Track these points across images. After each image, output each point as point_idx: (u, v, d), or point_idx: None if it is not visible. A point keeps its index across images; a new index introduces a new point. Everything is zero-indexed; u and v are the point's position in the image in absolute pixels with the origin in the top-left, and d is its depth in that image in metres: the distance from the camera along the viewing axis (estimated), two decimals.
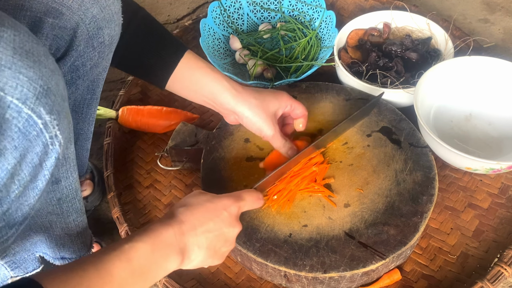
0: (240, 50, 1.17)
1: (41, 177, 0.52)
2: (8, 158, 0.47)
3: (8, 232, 0.54)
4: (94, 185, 0.99)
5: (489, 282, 0.76)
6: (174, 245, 0.59)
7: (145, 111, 1.05)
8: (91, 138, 0.86)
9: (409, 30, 1.11)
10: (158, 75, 0.76)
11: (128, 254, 0.54)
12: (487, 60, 0.97)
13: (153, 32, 0.75)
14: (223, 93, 0.76)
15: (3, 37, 0.44)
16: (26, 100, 0.45)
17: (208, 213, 0.64)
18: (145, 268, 0.55)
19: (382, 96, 0.96)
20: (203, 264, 0.65)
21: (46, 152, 0.50)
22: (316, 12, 1.20)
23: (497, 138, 0.95)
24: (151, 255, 0.56)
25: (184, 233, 0.60)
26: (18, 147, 0.47)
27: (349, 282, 0.76)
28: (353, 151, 0.88)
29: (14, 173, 0.48)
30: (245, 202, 0.69)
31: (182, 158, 0.97)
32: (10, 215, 0.52)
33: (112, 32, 0.67)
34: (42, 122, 0.47)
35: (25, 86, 0.45)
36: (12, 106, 0.44)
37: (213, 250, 0.64)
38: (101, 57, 0.69)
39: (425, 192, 0.81)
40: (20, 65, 0.44)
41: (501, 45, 1.26)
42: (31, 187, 0.52)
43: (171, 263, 0.59)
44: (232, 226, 0.66)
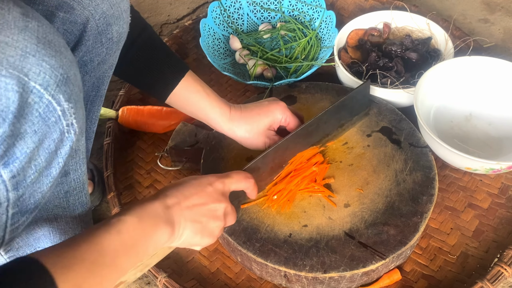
0: (240, 50, 1.17)
1: (55, 164, 0.53)
2: (28, 142, 0.48)
3: (19, 219, 0.55)
4: (94, 185, 0.99)
5: (489, 282, 0.76)
6: (161, 216, 0.60)
7: (145, 111, 1.05)
8: (93, 138, 0.86)
9: (409, 30, 1.11)
10: (158, 91, 0.79)
11: (117, 226, 0.55)
12: (487, 60, 0.97)
13: (158, 49, 0.78)
14: (216, 119, 0.80)
15: (28, 27, 0.46)
16: (47, 86, 0.47)
17: (193, 188, 0.64)
18: (135, 239, 0.56)
19: (382, 96, 0.96)
20: (193, 241, 0.65)
21: (62, 139, 0.52)
22: (316, 12, 1.20)
23: (497, 138, 0.95)
24: (139, 226, 0.57)
25: (169, 205, 0.61)
26: (37, 131, 0.49)
27: (349, 282, 0.76)
28: (353, 151, 0.88)
29: (32, 157, 0.50)
30: (231, 179, 0.69)
31: (182, 158, 0.97)
32: (23, 201, 0.53)
33: (121, 29, 0.69)
34: (60, 109, 0.49)
35: (47, 73, 0.47)
36: (34, 91, 0.47)
37: (200, 224, 0.64)
38: (108, 54, 0.70)
39: (425, 192, 0.81)
40: (44, 53, 0.47)
41: (501, 45, 1.26)
42: (45, 174, 0.53)
43: (161, 234, 0.59)
44: (218, 200, 0.66)
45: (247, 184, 0.72)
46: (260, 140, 0.82)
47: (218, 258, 0.86)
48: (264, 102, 0.84)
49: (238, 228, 0.79)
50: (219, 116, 0.80)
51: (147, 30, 0.78)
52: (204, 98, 0.79)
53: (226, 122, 0.81)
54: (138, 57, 0.77)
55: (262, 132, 0.82)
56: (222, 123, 0.81)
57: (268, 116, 0.81)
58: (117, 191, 0.94)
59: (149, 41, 0.78)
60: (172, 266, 0.85)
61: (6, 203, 0.51)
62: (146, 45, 0.77)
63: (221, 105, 0.80)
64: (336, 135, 0.89)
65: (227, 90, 1.15)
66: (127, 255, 0.55)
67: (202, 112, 0.80)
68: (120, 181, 0.99)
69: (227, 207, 0.67)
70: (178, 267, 0.85)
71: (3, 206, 0.51)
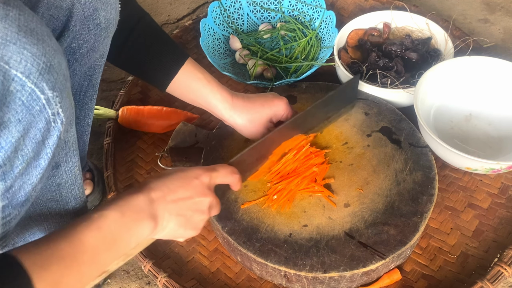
0: (240, 50, 1.17)
1: (43, 155, 0.53)
2: (12, 131, 0.48)
3: (11, 213, 0.54)
4: (94, 185, 0.99)
5: (489, 282, 0.76)
6: (144, 210, 0.59)
7: (145, 111, 1.05)
8: (89, 131, 0.85)
9: (409, 30, 1.11)
10: (159, 80, 0.78)
11: (97, 222, 0.54)
12: (487, 60, 0.97)
13: (157, 37, 0.77)
14: (217, 106, 0.80)
15: (9, 15, 0.45)
16: (29, 74, 0.46)
17: (178, 181, 0.64)
18: (116, 235, 0.55)
19: (382, 96, 0.96)
20: (176, 233, 0.64)
21: (48, 129, 0.51)
22: (316, 12, 1.20)
23: (497, 138, 0.95)
24: (121, 221, 0.56)
25: (153, 199, 0.60)
26: (21, 120, 0.48)
27: (349, 282, 0.76)
28: (353, 151, 0.88)
29: (17, 147, 0.49)
30: (218, 173, 0.68)
31: (182, 158, 0.97)
32: (13, 193, 0.53)
33: (108, 15, 0.68)
34: (45, 97, 0.49)
35: (29, 61, 0.46)
36: (16, 79, 0.46)
37: (184, 217, 0.63)
38: (97, 41, 0.70)
39: (425, 192, 0.81)
40: (25, 41, 0.46)
41: (501, 45, 1.26)
42: (34, 165, 0.53)
43: (144, 228, 0.59)
44: (203, 194, 0.65)
45: (233, 178, 0.71)
46: (260, 130, 0.82)
47: (218, 258, 0.86)
48: (268, 95, 0.84)
49: (238, 228, 0.79)
50: (220, 102, 0.79)
51: (145, 18, 0.77)
52: (205, 85, 0.79)
53: (228, 109, 0.80)
54: (137, 46, 0.76)
55: (263, 123, 0.82)
56: (223, 109, 0.80)
57: (272, 109, 0.82)
58: (117, 191, 0.94)
59: (148, 29, 0.77)
60: (172, 266, 0.85)
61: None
62: (145, 33, 0.76)
63: (222, 92, 0.80)
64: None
65: None
66: (108, 251, 0.55)
67: (203, 99, 0.80)
68: (120, 181, 0.98)
69: (212, 200, 0.66)
70: (178, 267, 0.85)
71: None
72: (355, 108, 0.95)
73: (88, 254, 0.52)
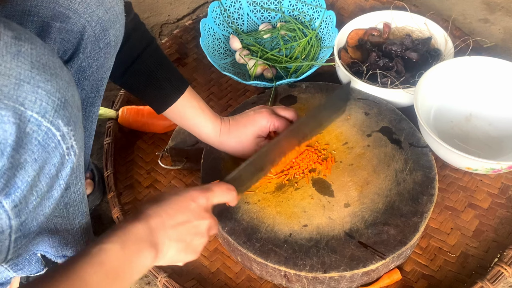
0: (240, 50, 1.17)
1: (56, 187, 0.52)
2: (28, 170, 0.47)
3: (22, 241, 0.54)
4: (95, 185, 0.99)
5: (489, 282, 0.76)
6: (144, 240, 0.58)
7: (145, 111, 1.05)
8: (93, 136, 0.86)
9: (409, 30, 1.11)
10: (157, 104, 0.80)
11: (99, 257, 0.52)
12: (487, 60, 0.97)
13: (161, 64, 0.79)
14: (207, 134, 0.83)
15: (21, 51, 0.44)
16: (45, 113, 0.46)
17: (176, 205, 0.62)
18: (119, 268, 0.54)
19: (382, 96, 0.96)
20: (177, 259, 0.63)
21: (62, 162, 0.51)
22: (316, 12, 1.20)
23: (497, 138, 0.95)
24: (122, 253, 0.55)
25: (152, 227, 0.59)
26: (37, 159, 0.48)
27: (349, 282, 0.76)
28: (353, 151, 0.88)
29: (33, 185, 0.49)
30: (214, 193, 0.67)
31: (182, 158, 0.97)
32: (26, 225, 0.52)
33: (117, 32, 0.69)
34: (60, 134, 0.48)
35: (44, 100, 0.46)
36: (32, 120, 0.45)
37: (184, 242, 0.63)
38: (107, 58, 0.71)
39: (425, 192, 0.81)
40: (38, 79, 0.45)
41: (501, 45, 1.26)
42: (47, 197, 0.52)
43: (145, 258, 0.57)
44: (201, 217, 0.64)
45: (229, 196, 0.71)
46: (250, 149, 0.84)
47: (218, 258, 0.86)
48: (249, 112, 0.85)
49: (238, 228, 0.79)
50: (211, 131, 0.82)
51: (152, 45, 0.78)
52: (198, 114, 0.81)
53: (217, 137, 0.83)
54: (141, 70, 0.77)
55: (250, 142, 0.83)
56: (213, 137, 0.83)
57: (255, 125, 0.83)
58: (117, 191, 0.94)
59: (154, 55, 0.78)
60: (172, 266, 0.85)
61: (9, 230, 0.50)
62: (150, 58, 0.78)
63: (213, 121, 0.82)
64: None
65: (227, 90, 1.15)
66: (111, 285, 0.53)
67: (195, 127, 0.82)
68: (120, 181, 0.98)
69: (210, 222, 0.66)
70: (178, 267, 0.85)
71: (5, 233, 0.50)
72: (355, 108, 0.95)
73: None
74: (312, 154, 0.87)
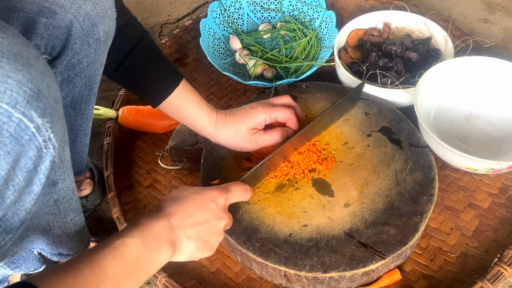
0: (240, 50, 1.17)
1: (36, 181, 0.51)
2: (1, 164, 0.46)
3: (5, 238, 0.54)
4: (94, 184, 0.99)
5: (489, 282, 0.76)
6: (164, 237, 0.60)
7: (145, 111, 1.05)
8: (89, 134, 0.86)
9: (409, 30, 1.11)
10: (153, 98, 0.80)
11: (120, 250, 0.54)
12: (487, 60, 0.97)
13: (155, 58, 0.79)
14: (203, 126, 0.83)
15: None
16: (16, 104, 0.44)
17: (196, 204, 0.65)
18: (138, 262, 0.56)
19: (382, 96, 0.96)
20: (193, 256, 0.66)
21: (40, 156, 0.49)
22: (316, 12, 1.20)
23: (497, 138, 0.95)
24: (142, 249, 0.57)
25: (172, 225, 0.61)
26: (10, 152, 0.46)
27: (349, 282, 0.76)
28: (353, 151, 0.88)
29: (8, 179, 0.48)
30: (232, 194, 0.70)
31: (182, 158, 0.97)
32: (6, 221, 0.52)
33: (107, 28, 0.68)
34: (34, 125, 0.46)
35: (14, 90, 0.44)
36: (1, 111, 0.44)
37: (202, 241, 0.65)
38: (97, 54, 0.70)
39: (425, 192, 0.81)
40: (8, 68, 0.43)
41: (501, 45, 1.26)
42: (26, 192, 0.51)
43: (163, 255, 0.60)
44: (219, 217, 0.67)
45: (247, 196, 0.74)
46: (245, 143, 0.84)
47: (218, 258, 0.86)
48: (246, 107, 0.86)
49: (238, 228, 0.79)
50: (207, 122, 0.82)
51: (145, 38, 0.78)
52: (194, 106, 0.81)
53: (212, 129, 0.83)
54: (135, 64, 0.77)
55: (245, 136, 0.84)
56: (209, 128, 0.83)
57: (250, 119, 0.83)
58: (117, 191, 0.94)
59: (147, 50, 0.78)
60: (172, 266, 0.85)
61: None
62: (144, 52, 0.77)
63: (209, 112, 0.82)
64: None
65: (227, 90, 1.15)
66: (129, 279, 0.55)
67: (191, 119, 0.83)
68: (120, 181, 0.98)
69: (227, 222, 0.68)
70: (178, 267, 0.85)
71: None
72: (355, 108, 0.95)
73: (110, 282, 0.52)
74: (312, 154, 0.87)
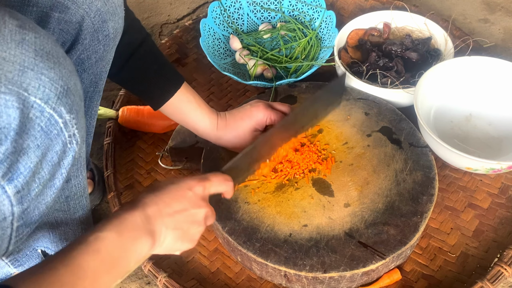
0: (240, 50, 1.17)
1: (58, 175, 0.53)
2: (31, 156, 0.48)
3: (24, 231, 0.54)
4: (95, 184, 0.99)
5: (489, 282, 0.76)
6: (141, 228, 0.58)
7: (145, 111, 1.05)
8: (93, 133, 0.87)
9: (409, 30, 1.11)
10: (154, 100, 0.80)
11: (95, 245, 0.53)
12: (487, 60, 0.97)
13: (157, 60, 0.80)
14: (204, 129, 0.83)
15: (25, 39, 0.45)
16: (48, 100, 0.47)
17: (173, 193, 0.62)
18: (115, 256, 0.54)
19: (382, 96, 0.96)
20: (174, 247, 0.63)
21: (64, 150, 0.52)
22: (316, 12, 1.20)
23: (497, 138, 0.95)
24: (118, 242, 0.55)
25: (149, 215, 0.59)
26: (40, 146, 0.48)
27: (349, 282, 0.76)
28: (353, 151, 0.88)
29: (35, 171, 0.49)
30: (211, 183, 0.67)
31: (182, 158, 0.97)
32: (28, 214, 0.53)
33: (116, 24, 0.69)
34: (62, 121, 0.49)
35: (47, 87, 0.47)
36: (35, 106, 0.46)
37: (181, 230, 0.62)
38: (106, 50, 0.71)
39: (425, 192, 0.81)
40: (42, 66, 0.46)
41: (501, 45, 1.26)
42: (49, 186, 0.53)
43: (142, 246, 0.58)
44: (198, 205, 0.64)
45: (226, 186, 0.70)
46: (247, 143, 0.84)
47: (218, 258, 0.86)
48: (246, 106, 0.85)
49: (238, 228, 0.79)
50: (208, 125, 0.83)
51: (147, 41, 0.79)
52: (195, 109, 0.81)
53: (214, 131, 0.83)
54: (137, 66, 0.78)
55: (247, 136, 0.83)
56: (210, 132, 0.83)
57: (252, 119, 0.83)
58: (117, 191, 0.94)
59: (149, 52, 0.79)
60: (172, 266, 0.85)
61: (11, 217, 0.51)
62: (146, 55, 0.78)
63: (210, 115, 0.82)
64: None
65: (227, 90, 1.15)
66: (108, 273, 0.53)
67: (192, 122, 0.83)
68: (120, 181, 0.98)
69: (207, 211, 0.65)
70: (178, 267, 0.85)
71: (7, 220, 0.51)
72: (355, 108, 0.95)
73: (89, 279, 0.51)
74: (312, 154, 0.87)
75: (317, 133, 0.91)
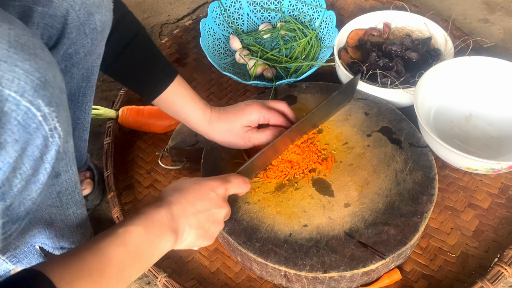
0: (240, 50, 1.17)
1: (42, 170, 0.52)
2: (9, 151, 0.47)
3: (11, 228, 0.54)
4: (94, 184, 0.99)
5: (489, 282, 0.76)
6: (166, 225, 0.61)
7: (145, 111, 1.05)
8: (88, 128, 0.86)
9: (409, 30, 1.11)
10: (147, 93, 0.80)
11: (123, 238, 0.56)
12: (487, 60, 0.97)
13: (151, 53, 0.80)
14: (197, 122, 0.83)
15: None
16: (24, 92, 0.45)
17: (196, 194, 0.66)
18: (141, 250, 0.57)
19: (382, 96, 0.96)
20: (193, 244, 0.67)
21: (46, 144, 0.50)
22: (316, 12, 1.20)
23: (497, 138, 0.95)
24: (145, 236, 0.58)
25: (174, 213, 0.62)
26: (18, 140, 0.47)
27: (349, 282, 0.76)
28: (353, 151, 0.88)
29: (15, 166, 0.49)
30: (232, 185, 0.71)
31: (182, 158, 0.97)
32: (13, 210, 0.52)
33: (104, 17, 0.68)
34: (41, 114, 0.48)
35: (22, 79, 0.45)
36: (10, 99, 0.45)
37: (202, 229, 0.66)
38: (94, 44, 0.70)
39: (425, 192, 0.81)
40: (16, 58, 0.45)
41: (501, 45, 1.26)
42: (33, 181, 0.52)
43: (166, 242, 0.61)
44: (219, 206, 0.68)
45: (245, 188, 0.75)
46: (238, 140, 0.84)
47: (218, 258, 0.86)
48: (241, 104, 0.86)
49: (238, 228, 0.79)
50: (201, 118, 0.83)
51: (140, 33, 0.78)
52: (188, 102, 0.81)
53: (206, 125, 0.83)
54: (131, 59, 0.77)
55: (238, 133, 0.84)
56: (203, 124, 0.83)
57: (244, 116, 0.84)
58: (117, 191, 0.94)
59: (143, 45, 0.78)
60: (172, 266, 0.85)
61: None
62: (139, 47, 0.78)
63: (203, 109, 0.82)
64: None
65: (227, 90, 1.15)
66: (133, 266, 0.56)
67: (185, 114, 0.83)
68: (120, 181, 0.99)
69: (227, 211, 0.70)
70: (178, 267, 0.85)
71: None
72: (355, 108, 0.95)
73: (115, 269, 0.53)
74: (312, 154, 0.87)
75: (317, 132, 0.91)
